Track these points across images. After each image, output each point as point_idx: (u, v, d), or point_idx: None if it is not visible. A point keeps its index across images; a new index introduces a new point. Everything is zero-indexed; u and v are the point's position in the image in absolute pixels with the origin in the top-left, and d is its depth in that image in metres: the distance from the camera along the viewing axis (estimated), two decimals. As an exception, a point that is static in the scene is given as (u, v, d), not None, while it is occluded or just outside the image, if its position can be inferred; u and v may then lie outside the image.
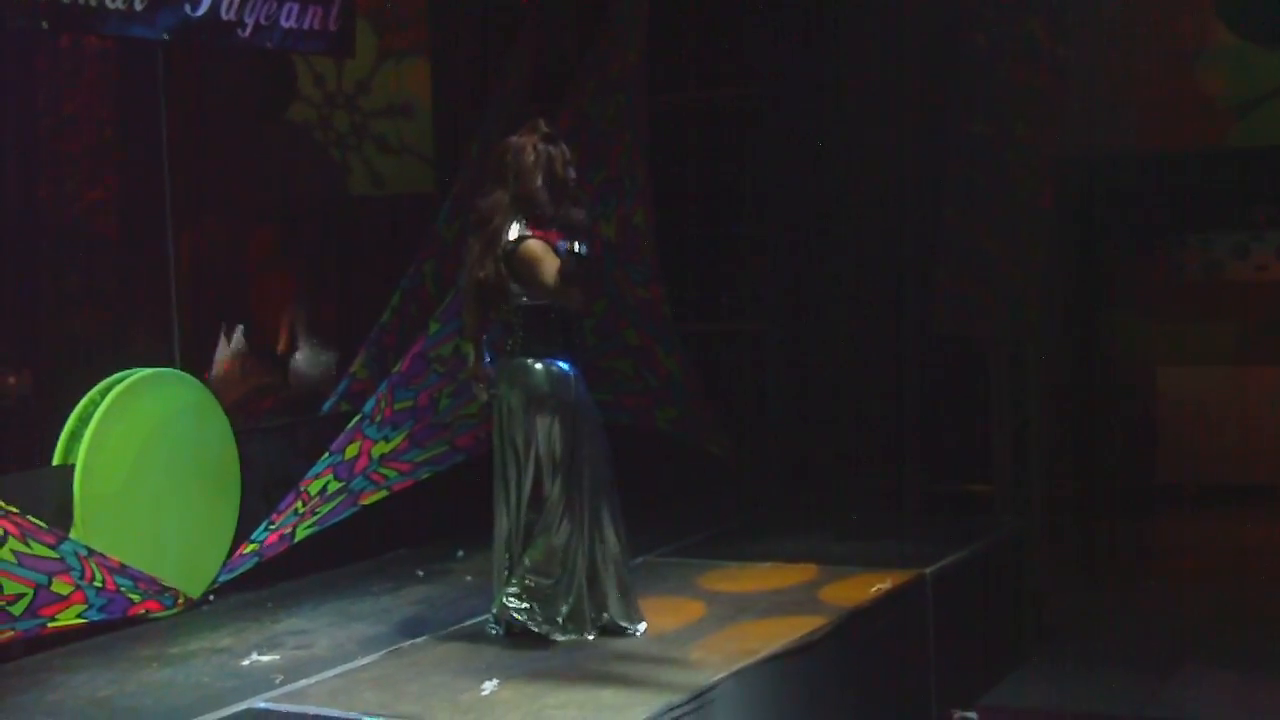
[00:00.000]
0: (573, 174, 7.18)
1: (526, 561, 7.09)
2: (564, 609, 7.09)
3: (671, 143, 10.55)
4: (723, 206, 10.85)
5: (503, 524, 7.20)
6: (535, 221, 7.06)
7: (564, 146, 7.18)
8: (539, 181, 7.05)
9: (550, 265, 6.98)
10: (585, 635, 7.10)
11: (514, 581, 7.11)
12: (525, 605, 7.08)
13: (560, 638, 7.06)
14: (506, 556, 7.18)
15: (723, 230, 10.84)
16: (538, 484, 7.08)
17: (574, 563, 7.08)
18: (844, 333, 10.30)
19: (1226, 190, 11.17)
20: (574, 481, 7.08)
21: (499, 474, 7.21)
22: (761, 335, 10.72)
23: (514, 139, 7.21)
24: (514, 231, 7.03)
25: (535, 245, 7.02)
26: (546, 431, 7.06)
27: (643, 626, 7.19)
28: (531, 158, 7.08)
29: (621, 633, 7.15)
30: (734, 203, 10.81)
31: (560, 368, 7.09)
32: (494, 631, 7.24)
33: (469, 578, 8.52)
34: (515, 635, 7.13)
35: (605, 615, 7.16)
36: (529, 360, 7.10)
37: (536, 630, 7.07)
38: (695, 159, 10.89)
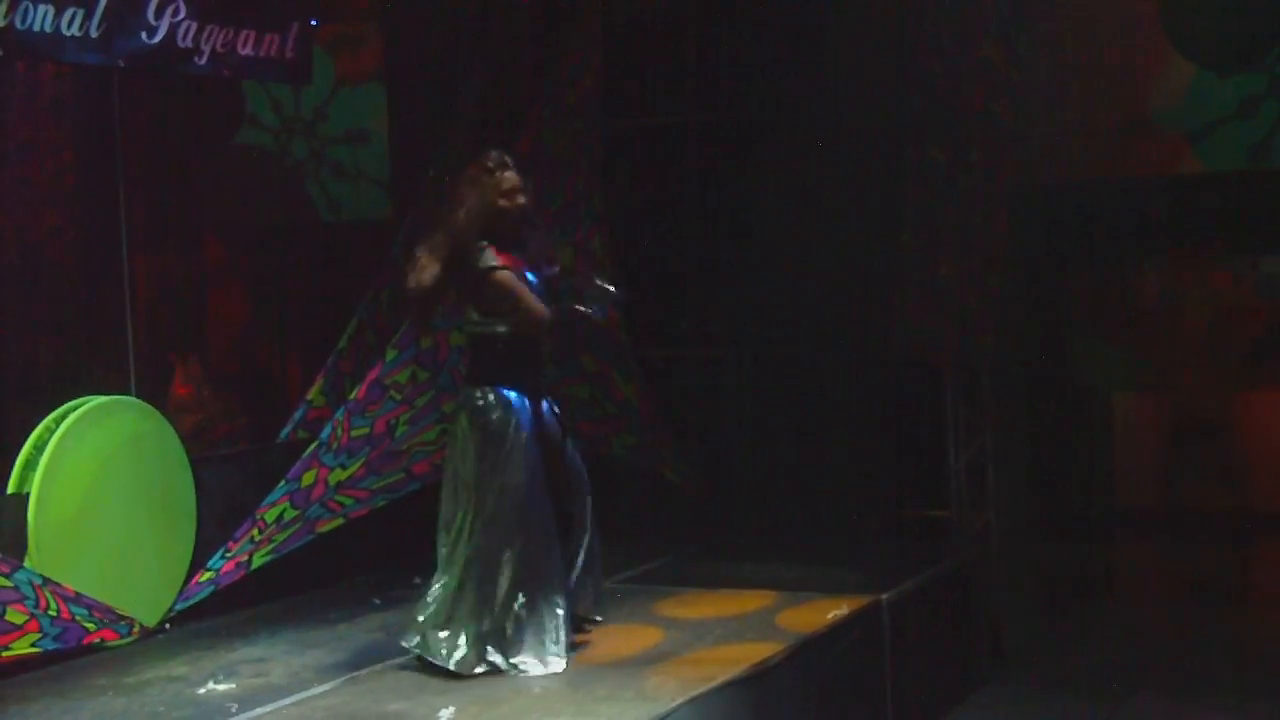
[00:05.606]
0: (521, 200, 7.17)
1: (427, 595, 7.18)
2: (449, 637, 7.07)
3: (630, 167, 10.55)
4: (682, 232, 10.85)
5: (440, 553, 7.25)
6: (500, 245, 7.07)
7: (509, 175, 7.15)
8: (466, 210, 7.03)
9: (526, 295, 7.02)
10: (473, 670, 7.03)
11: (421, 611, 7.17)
12: (418, 639, 7.14)
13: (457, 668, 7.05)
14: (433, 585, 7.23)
15: (682, 256, 10.84)
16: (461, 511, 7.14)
17: (461, 596, 7.09)
18: (803, 358, 10.31)
19: (1182, 217, 11.23)
20: (480, 512, 7.07)
21: (444, 499, 7.26)
22: (721, 360, 10.72)
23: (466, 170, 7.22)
24: (486, 259, 7.03)
25: (507, 277, 7.02)
26: (470, 459, 7.10)
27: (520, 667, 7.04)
28: (466, 187, 7.10)
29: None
30: (693, 228, 10.82)
31: (499, 394, 7.10)
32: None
33: (426, 605, 8.51)
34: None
35: (488, 649, 7.05)
36: (472, 387, 7.17)
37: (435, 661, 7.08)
38: (654, 184, 10.88)
